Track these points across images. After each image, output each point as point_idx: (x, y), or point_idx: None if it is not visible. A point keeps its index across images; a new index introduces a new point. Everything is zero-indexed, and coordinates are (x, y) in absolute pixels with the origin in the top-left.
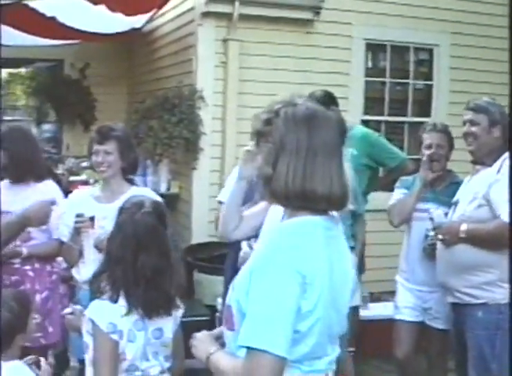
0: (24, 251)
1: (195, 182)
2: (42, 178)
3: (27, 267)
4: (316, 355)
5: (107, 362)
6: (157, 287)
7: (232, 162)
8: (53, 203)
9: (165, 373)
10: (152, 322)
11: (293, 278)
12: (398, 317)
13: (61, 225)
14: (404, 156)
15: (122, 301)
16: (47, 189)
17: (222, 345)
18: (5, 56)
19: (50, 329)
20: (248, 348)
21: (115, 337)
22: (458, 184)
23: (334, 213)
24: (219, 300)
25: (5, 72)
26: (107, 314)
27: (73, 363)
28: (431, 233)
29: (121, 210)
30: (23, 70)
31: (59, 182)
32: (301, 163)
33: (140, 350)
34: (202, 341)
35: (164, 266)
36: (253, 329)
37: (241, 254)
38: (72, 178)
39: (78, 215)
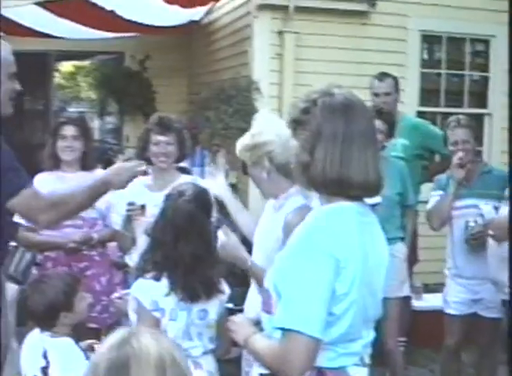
0: (95, 236)
1: None
2: (95, 167)
3: (94, 252)
4: (351, 337)
5: None
6: (196, 273)
7: None
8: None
9: (208, 354)
10: (196, 303)
11: (327, 261)
12: (447, 311)
13: (113, 213)
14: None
15: (165, 280)
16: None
17: (261, 329)
18: (68, 48)
19: (112, 309)
20: (283, 329)
21: (157, 314)
22: (489, 173)
23: (369, 201)
24: None
25: (70, 64)
26: (150, 292)
27: None
28: (472, 224)
29: (166, 197)
30: (87, 63)
31: None
32: (337, 150)
33: (182, 329)
34: (240, 325)
35: (203, 253)
36: (288, 311)
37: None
38: None
39: (130, 204)
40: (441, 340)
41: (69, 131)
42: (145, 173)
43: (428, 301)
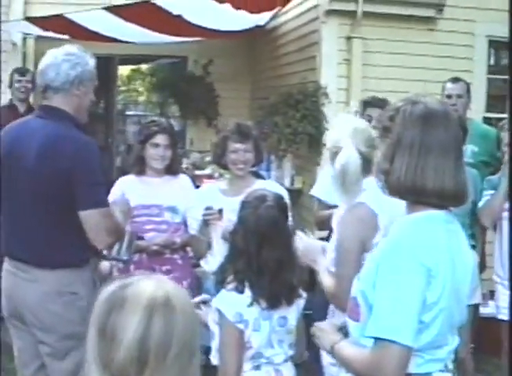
0: (178, 240)
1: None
2: (179, 172)
3: (176, 256)
4: (438, 344)
5: (233, 350)
6: (281, 279)
7: None
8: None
9: (288, 361)
10: (277, 310)
11: (419, 270)
12: (500, 317)
13: (189, 218)
14: None
15: (248, 291)
16: (185, 181)
17: (345, 335)
18: (131, 52)
19: None
20: (376, 338)
21: (241, 326)
22: None
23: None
24: None
25: (126, 69)
26: (233, 304)
27: None
28: None
29: (243, 204)
30: (143, 67)
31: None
32: (413, 159)
33: (265, 339)
34: (325, 332)
35: (286, 258)
36: (381, 320)
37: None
38: (197, 172)
39: (207, 208)
40: None
41: (162, 140)
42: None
43: (492, 308)
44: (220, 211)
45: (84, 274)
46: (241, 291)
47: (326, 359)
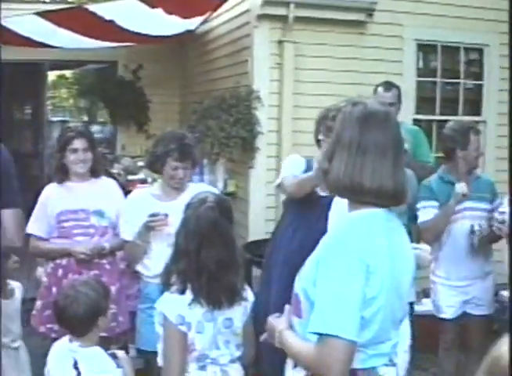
0: (107, 246)
1: (252, 180)
2: (101, 174)
3: (104, 261)
4: (380, 339)
5: (176, 352)
6: (221, 280)
7: None
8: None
9: (235, 362)
10: (221, 312)
11: (358, 267)
12: (441, 316)
13: (124, 224)
14: (433, 161)
15: (189, 293)
16: (108, 183)
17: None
18: (61, 58)
19: (121, 318)
20: (320, 334)
21: (183, 328)
22: (479, 178)
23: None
24: None
25: (53, 75)
26: (176, 306)
27: (132, 353)
28: (477, 228)
29: (187, 205)
30: (68, 73)
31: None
32: (351, 158)
33: (210, 340)
34: (277, 320)
35: (228, 259)
36: (323, 316)
37: None
38: (129, 177)
39: (153, 215)
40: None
41: (79, 144)
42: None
43: (426, 306)
44: (166, 215)
45: None
46: (182, 293)
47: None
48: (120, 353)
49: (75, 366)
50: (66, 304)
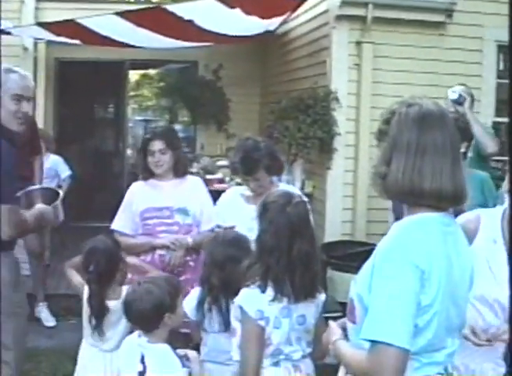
0: (190, 240)
1: (329, 181)
2: (184, 174)
3: (188, 258)
4: (435, 348)
5: (254, 346)
6: (310, 272)
7: (365, 162)
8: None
9: (306, 357)
10: (296, 309)
11: (413, 273)
12: None
13: (210, 219)
14: None
15: (270, 290)
16: (194, 181)
17: (346, 336)
18: (142, 57)
19: None
20: (372, 341)
21: (262, 323)
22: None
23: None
24: None
25: (135, 74)
26: (255, 301)
27: None
28: None
29: (268, 204)
30: (152, 72)
31: None
32: (410, 161)
33: (285, 336)
34: (333, 328)
35: (313, 252)
36: (376, 323)
37: None
38: (207, 176)
39: (218, 226)
40: None
41: (156, 146)
42: None
43: None
44: (232, 227)
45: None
46: (263, 289)
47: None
48: (192, 353)
49: (142, 361)
50: (131, 300)
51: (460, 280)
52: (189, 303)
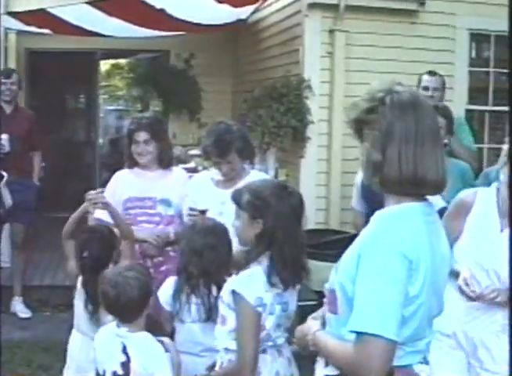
0: (172, 234)
1: (302, 170)
2: (169, 164)
3: (168, 248)
4: (418, 337)
5: (253, 333)
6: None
7: (338, 151)
8: None
9: (286, 342)
10: (284, 295)
11: (401, 263)
12: None
13: (185, 209)
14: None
15: (271, 277)
16: (178, 173)
17: (323, 325)
18: (113, 47)
19: None
20: (360, 333)
21: (260, 309)
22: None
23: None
24: (326, 286)
25: (106, 64)
26: (255, 288)
27: None
28: None
29: (265, 197)
30: (122, 62)
31: None
32: (410, 148)
33: (276, 322)
34: (304, 326)
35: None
36: (364, 314)
37: None
38: (181, 165)
39: (191, 209)
40: None
41: (140, 136)
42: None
43: None
44: (203, 211)
45: None
46: (268, 277)
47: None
48: (166, 339)
49: (124, 351)
50: (118, 291)
51: (441, 269)
52: (164, 293)
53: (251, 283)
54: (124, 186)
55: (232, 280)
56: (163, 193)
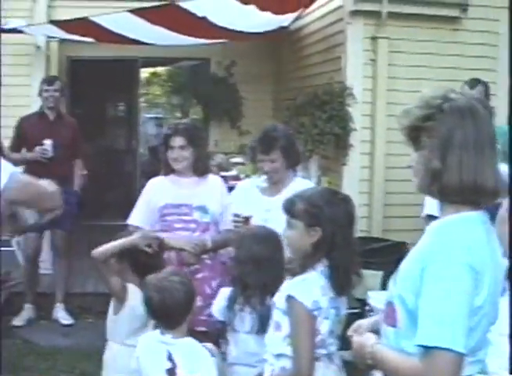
0: (209, 243)
1: (345, 177)
2: (204, 172)
3: (205, 256)
4: (479, 347)
5: (309, 337)
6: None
7: (381, 158)
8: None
9: (336, 350)
10: (337, 301)
11: (468, 274)
12: None
13: (229, 216)
14: None
15: (327, 281)
16: (214, 180)
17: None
18: (154, 55)
19: None
20: (428, 347)
21: (316, 313)
22: None
23: None
24: (370, 294)
25: (146, 72)
26: (311, 292)
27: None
28: None
29: (321, 206)
30: (161, 70)
31: None
32: (471, 157)
33: (330, 327)
34: (362, 329)
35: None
36: (433, 328)
37: None
38: (222, 173)
39: (235, 215)
40: None
41: (176, 142)
42: None
43: None
44: (247, 218)
45: None
46: (324, 280)
47: None
48: (210, 345)
49: (169, 358)
50: (164, 296)
51: (499, 278)
52: (217, 303)
53: (308, 287)
54: (159, 193)
55: (286, 285)
56: (199, 199)
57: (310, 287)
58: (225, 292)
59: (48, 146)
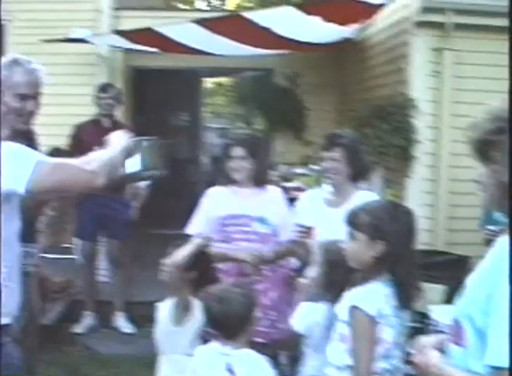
0: (270, 255)
1: (409, 190)
2: (263, 183)
3: (265, 267)
4: None
5: (370, 346)
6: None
7: (446, 171)
8: None
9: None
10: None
11: None
12: None
13: (291, 226)
14: None
15: (384, 290)
16: (273, 191)
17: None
18: (217, 65)
19: (281, 325)
20: (498, 367)
21: (379, 320)
22: None
23: None
24: (432, 308)
25: (209, 82)
26: (376, 301)
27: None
28: None
29: (382, 219)
30: (224, 80)
31: None
32: None
33: (395, 338)
34: (423, 355)
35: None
36: (504, 348)
37: None
38: (285, 184)
39: (299, 225)
40: None
41: (236, 152)
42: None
43: None
44: (310, 228)
45: None
46: (386, 289)
47: None
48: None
49: (229, 370)
50: (224, 307)
51: None
52: (301, 319)
53: (371, 296)
54: (219, 203)
55: (349, 296)
56: (258, 210)
57: (374, 296)
58: (305, 308)
59: None
